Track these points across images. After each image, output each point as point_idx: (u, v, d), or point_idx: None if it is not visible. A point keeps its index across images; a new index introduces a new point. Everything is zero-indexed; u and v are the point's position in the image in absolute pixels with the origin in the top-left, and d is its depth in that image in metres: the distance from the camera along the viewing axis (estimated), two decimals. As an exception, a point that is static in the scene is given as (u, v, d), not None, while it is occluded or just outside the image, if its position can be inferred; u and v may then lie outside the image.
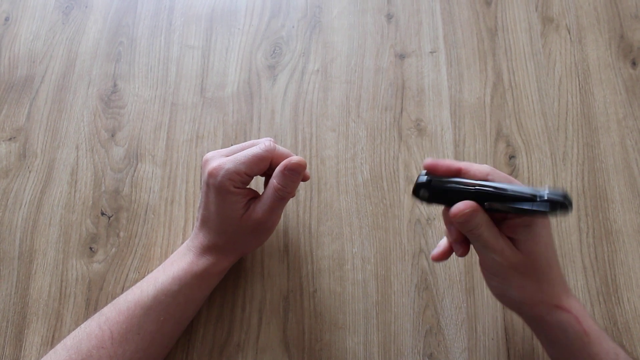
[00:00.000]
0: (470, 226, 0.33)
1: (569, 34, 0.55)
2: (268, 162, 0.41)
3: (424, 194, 0.35)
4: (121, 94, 0.55)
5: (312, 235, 0.49)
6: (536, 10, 0.56)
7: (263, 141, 0.42)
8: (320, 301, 0.46)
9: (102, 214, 0.50)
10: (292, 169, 0.40)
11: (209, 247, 0.42)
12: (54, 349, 0.39)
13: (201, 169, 0.43)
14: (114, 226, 0.50)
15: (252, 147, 0.41)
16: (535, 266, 0.35)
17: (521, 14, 0.56)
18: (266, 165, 0.41)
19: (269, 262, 0.48)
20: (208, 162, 0.41)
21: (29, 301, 0.47)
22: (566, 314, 0.35)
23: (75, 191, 0.51)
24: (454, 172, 0.35)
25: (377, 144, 0.52)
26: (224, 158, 0.41)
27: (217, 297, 0.47)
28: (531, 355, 0.44)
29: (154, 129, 0.53)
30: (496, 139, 0.51)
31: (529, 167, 0.50)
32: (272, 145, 0.41)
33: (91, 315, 0.42)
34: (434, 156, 0.51)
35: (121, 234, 0.49)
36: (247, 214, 0.41)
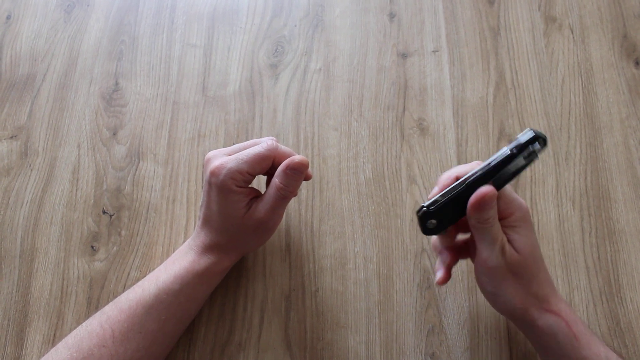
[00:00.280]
0: (489, 213, 0.34)
1: (572, 33, 0.55)
2: (270, 161, 0.41)
3: (431, 223, 0.36)
4: (123, 92, 0.55)
5: (314, 234, 0.49)
6: (539, 10, 0.56)
7: (265, 140, 0.42)
8: (322, 300, 0.46)
9: (104, 212, 0.50)
10: (294, 168, 0.40)
11: (211, 246, 0.42)
12: (55, 347, 0.39)
13: (203, 167, 0.43)
14: (115, 225, 0.50)
15: (254, 146, 0.41)
16: (526, 266, 0.35)
17: (524, 13, 0.56)
18: (268, 164, 0.41)
19: (270, 261, 0.48)
20: (210, 161, 0.41)
21: (31, 299, 0.47)
22: (556, 317, 0.35)
23: (76, 190, 0.51)
24: (452, 182, 0.36)
25: (380, 143, 0.51)
26: (226, 157, 0.41)
27: (218, 296, 0.46)
28: (533, 356, 0.44)
29: (155, 127, 0.53)
30: (499, 139, 0.51)
31: (531, 166, 0.50)
32: (275, 144, 0.41)
33: (92, 313, 0.41)
34: (437, 156, 0.50)
35: (123, 232, 0.49)
36: (249, 213, 0.41)
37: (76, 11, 0.59)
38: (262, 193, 0.42)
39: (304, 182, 0.50)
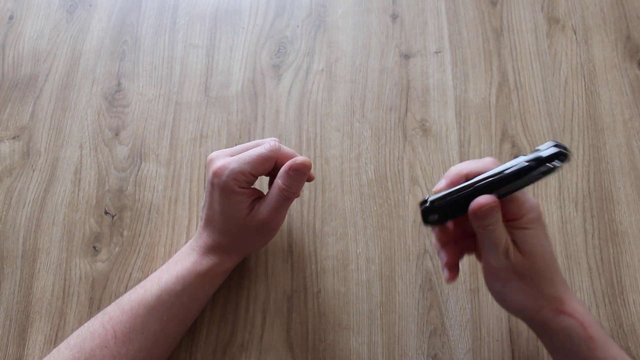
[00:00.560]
0: (490, 221, 0.33)
1: (575, 34, 0.55)
2: (273, 162, 0.41)
3: (432, 217, 0.35)
4: (125, 92, 0.55)
5: (316, 235, 0.48)
6: (542, 11, 0.56)
7: (268, 141, 0.42)
8: (324, 301, 0.46)
9: (106, 213, 0.50)
10: (297, 169, 0.40)
11: (213, 246, 0.42)
12: (57, 347, 0.39)
13: (205, 168, 0.43)
14: (117, 225, 0.50)
15: (256, 146, 0.41)
16: (534, 268, 0.35)
17: (527, 14, 0.56)
18: (271, 165, 0.41)
19: (272, 262, 0.48)
20: (212, 162, 0.41)
21: (33, 300, 0.47)
22: (571, 319, 0.35)
23: (78, 190, 0.51)
24: (461, 180, 0.35)
25: (382, 144, 0.51)
26: (228, 158, 0.41)
27: (220, 297, 0.46)
28: (536, 357, 0.44)
29: (158, 128, 0.53)
30: (501, 140, 0.51)
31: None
32: (277, 145, 0.41)
33: (94, 314, 0.41)
34: (440, 157, 0.50)
35: (125, 233, 0.49)
36: (252, 214, 0.41)
37: (78, 11, 0.59)
38: (265, 194, 0.42)
39: (306, 183, 0.50)
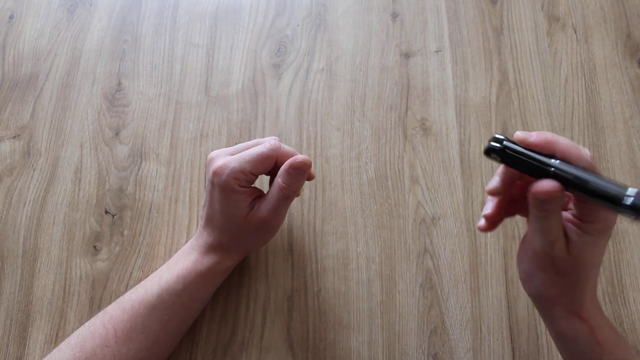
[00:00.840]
0: (548, 207, 0.30)
1: (575, 33, 0.55)
2: (273, 161, 0.41)
3: (495, 157, 0.32)
4: (125, 92, 0.55)
5: (316, 234, 0.48)
6: (542, 9, 0.56)
7: (268, 140, 0.42)
8: (325, 300, 0.46)
9: (106, 212, 0.50)
10: (297, 168, 0.40)
11: (214, 245, 0.42)
12: (58, 347, 0.39)
13: (206, 167, 0.43)
14: (117, 225, 0.50)
15: (257, 145, 0.41)
16: (573, 271, 0.33)
17: (527, 12, 0.56)
18: (271, 164, 0.41)
19: (273, 261, 0.48)
20: (213, 161, 0.41)
21: (33, 299, 0.47)
22: (581, 323, 0.34)
23: (79, 189, 0.51)
24: (546, 149, 0.31)
25: (382, 143, 0.51)
26: (228, 157, 0.41)
27: (221, 296, 0.46)
28: (536, 356, 0.44)
29: (158, 127, 0.53)
30: (502, 139, 0.51)
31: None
32: (277, 144, 0.41)
33: (95, 313, 0.42)
34: (440, 156, 0.50)
35: (125, 232, 0.49)
36: (252, 212, 0.41)
37: (79, 11, 0.59)
38: (265, 193, 0.42)
39: (306, 182, 0.50)
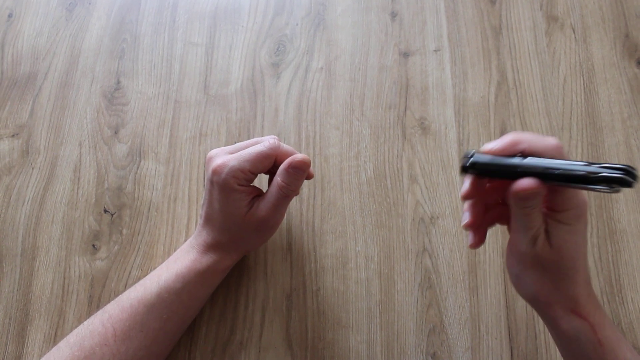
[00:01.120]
0: (529, 204, 0.31)
1: (574, 33, 0.55)
2: (272, 159, 0.41)
3: (472, 173, 0.33)
4: (124, 91, 0.55)
5: (315, 233, 0.49)
6: (541, 9, 0.56)
7: (267, 139, 0.42)
8: (324, 300, 0.46)
9: (105, 211, 0.50)
10: (296, 167, 0.40)
11: (213, 244, 0.42)
12: (56, 346, 0.39)
13: (205, 166, 0.43)
14: (116, 223, 0.50)
15: (256, 144, 0.41)
16: (558, 263, 0.33)
17: (526, 12, 0.56)
18: (270, 163, 0.41)
19: (272, 260, 0.48)
20: (212, 160, 0.41)
21: (32, 298, 0.47)
22: (581, 321, 0.34)
23: (78, 188, 0.51)
24: (514, 151, 0.32)
25: (381, 142, 0.51)
26: (227, 155, 0.41)
27: (220, 295, 0.46)
28: (534, 355, 0.44)
29: (157, 126, 0.53)
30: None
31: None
32: (277, 143, 0.41)
33: (94, 312, 0.42)
34: (438, 155, 0.50)
35: (124, 231, 0.49)
36: (251, 211, 0.41)
37: (78, 9, 0.59)
38: (264, 192, 0.42)
39: (305, 181, 0.50)
